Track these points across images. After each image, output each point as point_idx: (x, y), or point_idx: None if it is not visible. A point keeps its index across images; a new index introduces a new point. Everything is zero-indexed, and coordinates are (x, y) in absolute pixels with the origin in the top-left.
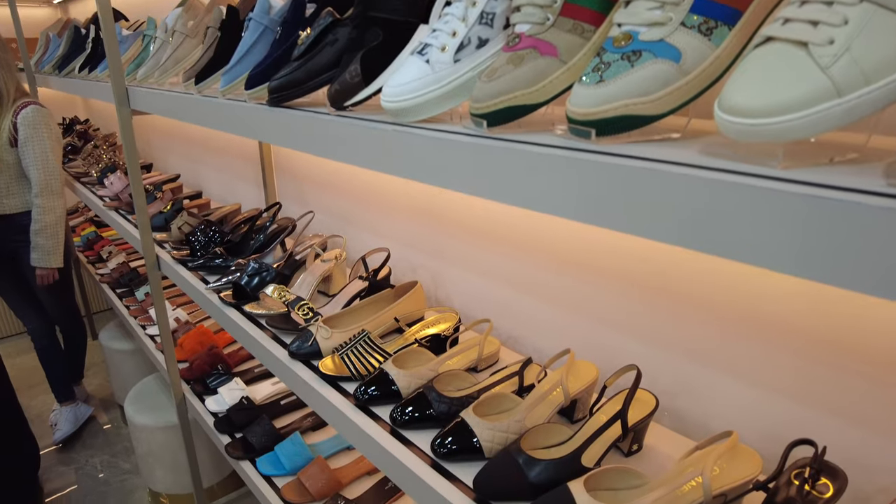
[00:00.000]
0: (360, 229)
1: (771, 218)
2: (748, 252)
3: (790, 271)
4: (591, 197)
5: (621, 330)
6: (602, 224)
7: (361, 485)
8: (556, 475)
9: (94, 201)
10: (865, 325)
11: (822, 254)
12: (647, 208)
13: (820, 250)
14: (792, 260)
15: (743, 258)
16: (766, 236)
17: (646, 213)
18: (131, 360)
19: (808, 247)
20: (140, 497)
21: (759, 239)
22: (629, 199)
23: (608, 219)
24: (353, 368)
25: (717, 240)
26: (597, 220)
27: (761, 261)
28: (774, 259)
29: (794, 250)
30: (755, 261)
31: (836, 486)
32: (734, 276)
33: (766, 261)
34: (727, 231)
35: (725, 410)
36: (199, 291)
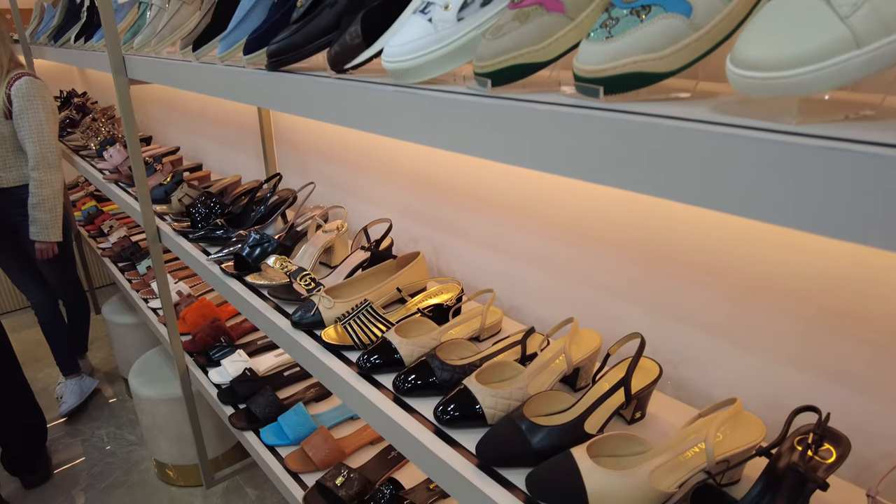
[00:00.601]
0: (361, 200)
1: (789, 172)
2: (765, 209)
3: (812, 229)
4: (601, 155)
5: (624, 299)
6: (612, 183)
7: (364, 454)
8: (559, 441)
9: (93, 174)
10: (871, 291)
11: (842, 209)
12: (660, 166)
13: (839, 205)
14: (812, 216)
15: (760, 216)
16: (786, 192)
17: (659, 171)
18: (134, 333)
19: (827, 202)
20: (146, 468)
21: (777, 195)
22: (641, 157)
23: (619, 178)
24: (356, 337)
25: (732, 197)
26: (608, 179)
27: (780, 218)
28: (795, 216)
29: (813, 206)
30: (773, 218)
31: (838, 451)
32: (739, 245)
33: (786, 218)
34: (743, 188)
35: (728, 379)
36: (200, 263)
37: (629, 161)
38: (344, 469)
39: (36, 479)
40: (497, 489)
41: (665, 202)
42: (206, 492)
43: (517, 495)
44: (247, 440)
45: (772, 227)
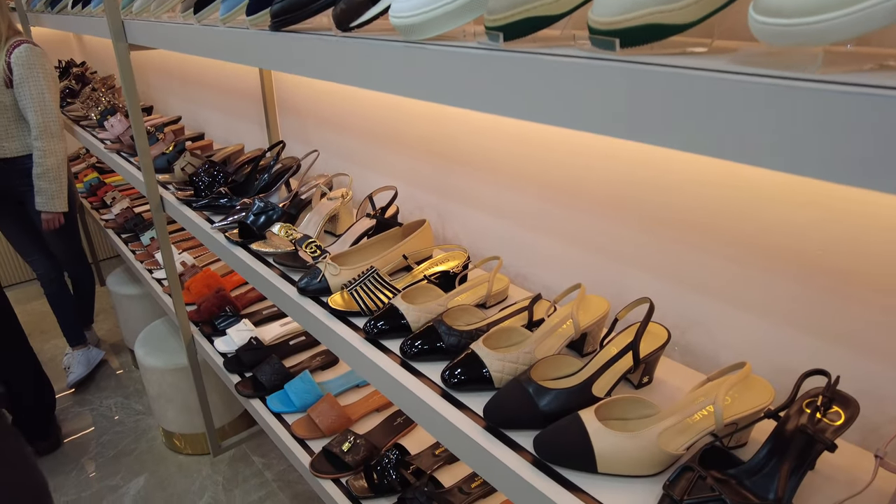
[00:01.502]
0: (366, 168)
1: (819, 120)
2: (796, 160)
3: (843, 179)
4: (625, 108)
5: (632, 265)
6: (635, 137)
7: (371, 421)
8: (567, 404)
9: (95, 144)
10: (881, 253)
11: (878, 156)
12: (682, 117)
13: (873, 152)
14: (843, 166)
15: (789, 167)
16: (816, 141)
17: (682, 123)
18: (139, 304)
19: (858, 149)
20: (154, 437)
21: (807, 144)
22: (665, 109)
23: (641, 131)
24: (363, 304)
25: (759, 148)
26: (631, 133)
27: (810, 169)
28: (825, 167)
29: (844, 155)
30: (803, 169)
31: (847, 413)
32: (748, 208)
33: (816, 169)
34: (770, 137)
35: (737, 344)
36: (204, 231)
37: (651, 113)
38: (350, 435)
39: (46, 447)
40: (505, 451)
41: (673, 165)
42: (214, 460)
43: (525, 457)
44: (253, 408)
45: (783, 190)
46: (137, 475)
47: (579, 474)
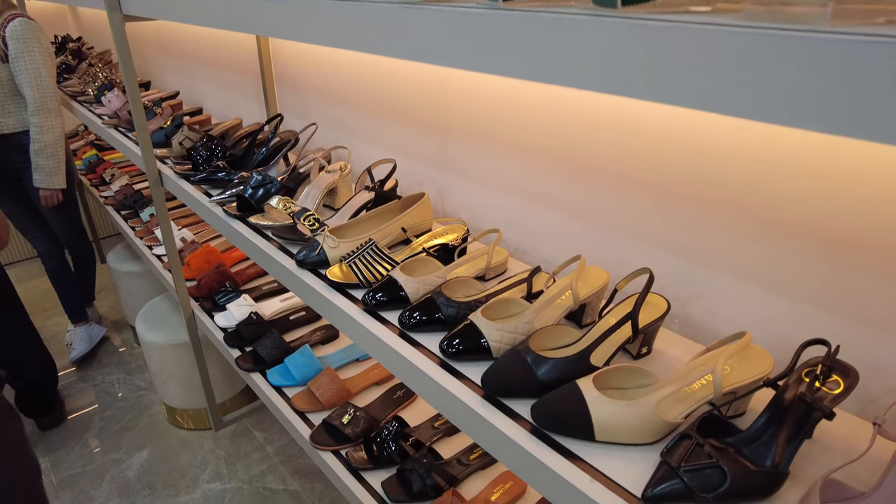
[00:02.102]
0: (365, 142)
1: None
2: (812, 114)
3: (864, 135)
4: (632, 63)
5: (633, 238)
6: (644, 96)
7: (371, 394)
8: (565, 373)
9: (92, 120)
10: (884, 223)
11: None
12: (687, 73)
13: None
14: (862, 120)
15: (806, 123)
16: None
17: (686, 79)
18: (140, 281)
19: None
20: (156, 412)
21: (823, 98)
22: (670, 65)
23: (650, 89)
24: (361, 276)
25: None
26: (628, 90)
27: (826, 125)
28: (848, 122)
29: (864, 108)
30: (819, 125)
31: (846, 382)
32: (752, 179)
33: (835, 125)
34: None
35: (737, 315)
36: (202, 205)
37: (659, 69)
38: (350, 408)
39: (50, 421)
40: (502, 419)
41: (675, 135)
42: (215, 434)
43: (523, 425)
44: (254, 382)
45: (789, 161)
46: (140, 449)
47: (577, 442)
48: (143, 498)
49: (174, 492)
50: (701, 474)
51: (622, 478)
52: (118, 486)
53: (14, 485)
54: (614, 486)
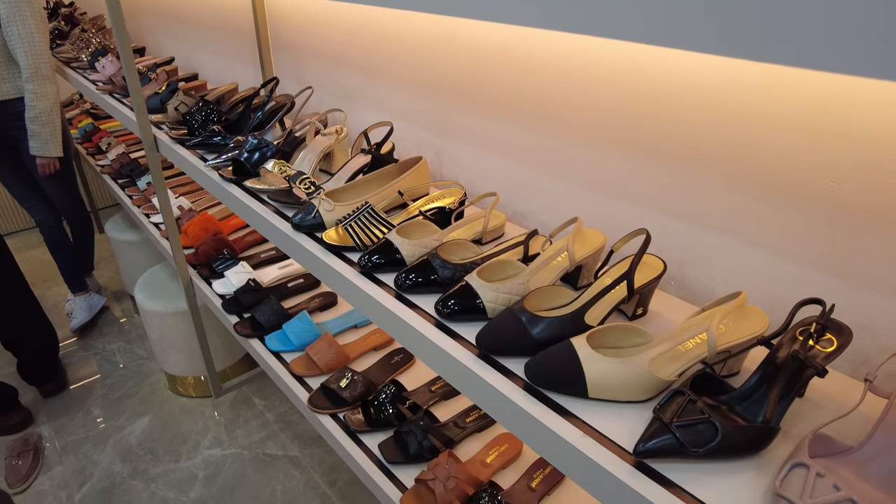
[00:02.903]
0: (362, 106)
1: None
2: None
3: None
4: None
5: (631, 200)
6: (663, 42)
7: (368, 359)
8: (559, 332)
9: (86, 86)
10: (882, 185)
11: None
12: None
13: None
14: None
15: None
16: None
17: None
18: (139, 250)
19: None
20: (157, 380)
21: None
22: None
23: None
24: (357, 239)
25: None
26: (632, 34)
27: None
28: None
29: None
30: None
31: (839, 340)
32: (750, 139)
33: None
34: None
35: (733, 277)
36: (198, 170)
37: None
38: (348, 372)
39: (52, 389)
40: (496, 376)
41: (673, 96)
42: (216, 402)
43: (517, 382)
44: (253, 348)
45: (788, 120)
46: (141, 416)
47: (570, 399)
48: (144, 463)
49: (175, 457)
50: (693, 429)
51: (614, 433)
52: (120, 452)
53: None
54: (606, 442)
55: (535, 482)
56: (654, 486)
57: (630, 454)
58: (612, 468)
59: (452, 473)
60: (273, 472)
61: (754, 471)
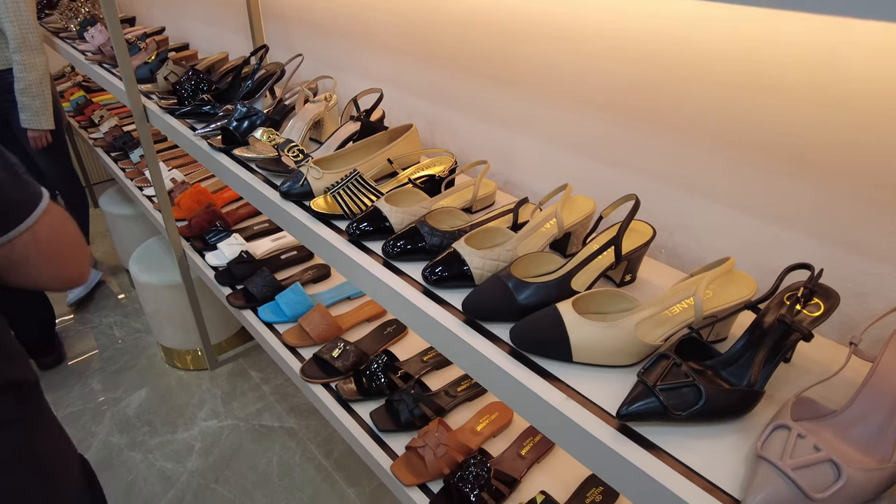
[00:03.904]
0: (353, 74)
1: None
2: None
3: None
4: None
5: (621, 167)
6: None
7: (361, 330)
8: (545, 298)
9: (76, 57)
10: (873, 146)
11: None
12: None
13: None
14: None
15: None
16: None
17: None
18: (133, 224)
19: None
20: (153, 353)
21: None
22: None
23: None
24: (346, 207)
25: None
26: None
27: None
28: None
29: None
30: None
31: (827, 305)
32: (740, 102)
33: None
34: None
35: (723, 244)
36: (188, 139)
37: None
38: (340, 342)
39: (49, 362)
40: (482, 341)
41: (664, 59)
42: (212, 374)
43: (502, 347)
44: (246, 320)
45: (777, 82)
46: (139, 389)
47: (555, 363)
48: (142, 434)
49: (172, 429)
50: (676, 393)
51: (599, 397)
52: (118, 423)
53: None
54: (590, 405)
55: (524, 450)
56: (637, 449)
57: (614, 417)
58: (595, 431)
59: (442, 441)
60: (269, 443)
61: (738, 434)
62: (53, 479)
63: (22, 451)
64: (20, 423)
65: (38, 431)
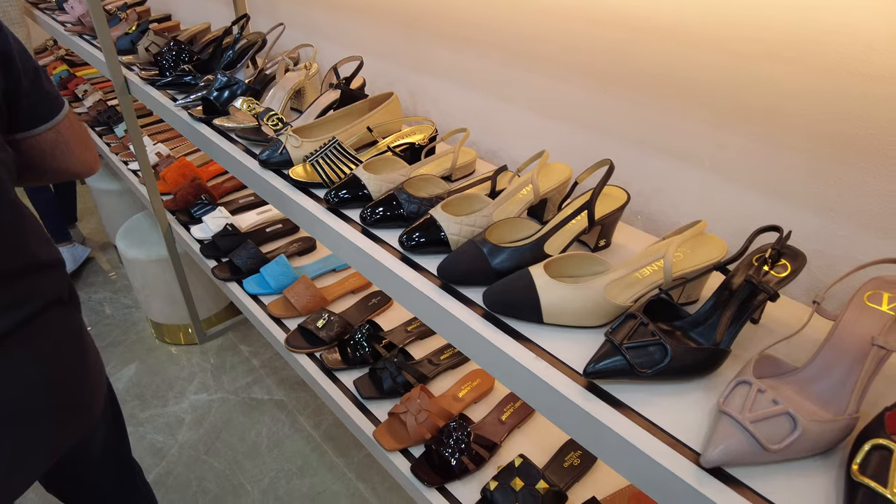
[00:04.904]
0: (336, 43)
1: None
2: None
3: None
4: None
5: (601, 135)
6: None
7: (346, 301)
8: (519, 262)
9: (56, 28)
10: (854, 113)
11: None
12: None
13: None
14: None
15: None
16: None
17: None
18: (120, 200)
19: None
20: (143, 328)
21: None
22: None
23: None
24: (325, 175)
25: None
26: None
27: None
28: None
29: None
30: None
31: (794, 265)
32: (715, 67)
33: None
34: None
35: (697, 208)
36: (169, 111)
37: None
38: (325, 313)
39: None
40: (456, 305)
41: (642, 24)
42: (202, 348)
43: (476, 310)
44: (233, 293)
45: (756, 46)
46: (128, 364)
47: (526, 325)
48: (133, 408)
49: (163, 402)
50: (643, 351)
51: (568, 356)
52: None
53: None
54: (559, 365)
55: (505, 415)
56: (603, 406)
57: (582, 376)
58: (563, 389)
59: (424, 407)
60: (259, 415)
61: (703, 392)
62: (97, 373)
63: (82, 331)
64: (77, 306)
65: (84, 326)
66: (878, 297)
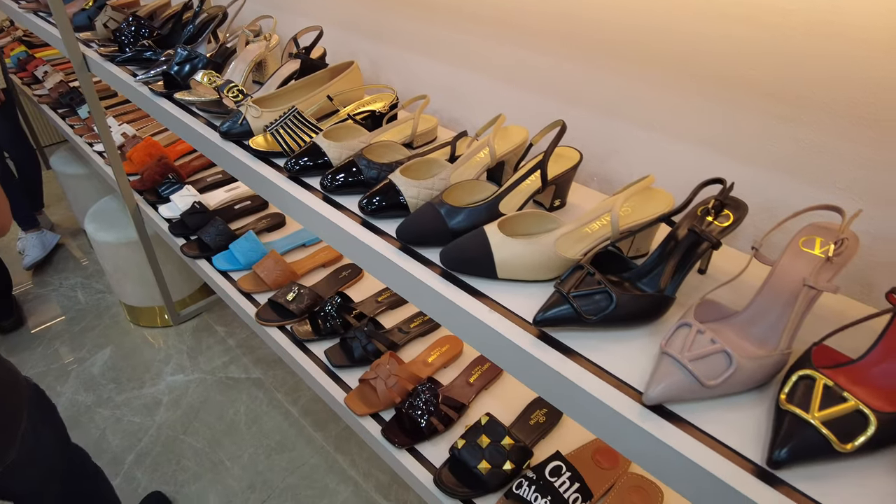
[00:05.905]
0: (297, 14)
1: None
2: None
3: None
4: None
5: (559, 100)
6: None
7: (316, 275)
8: (475, 222)
9: (9, 6)
10: (807, 66)
11: None
12: None
13: None
14: None
15: None
16: None
17: None
18: (87, 183)
19: None
20: (116, 312)
21: None
22: None
23: None
24: (285, 144)
25: None
26: None
27: None
28: None
29: None
30: None
31: (736, 215)
32: (663, 26)
33: None
34: None
35: (651, 169)
36: (130, 87)
37: None
38: (295, 286)
39: (10, 325)
40: (415, 265)
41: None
42: (178, 330)
43: (434, 270)
44: (203, 271)
45: (706, 3)
46: (103, 348)
47: (481, 281)
48: (108, 391)
49: (139, 384)
50: (589, 299)
51: (520, 308)
52: (84, 382)
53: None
54: (511, 316)
55: (473, 377)
56: (553, 353)
57: (531, 324)
58: (516, 339)
59: (394, 372)
60: (236, 393)
61: (648, 337)
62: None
63: None
64: None
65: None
66: (811, 241)
